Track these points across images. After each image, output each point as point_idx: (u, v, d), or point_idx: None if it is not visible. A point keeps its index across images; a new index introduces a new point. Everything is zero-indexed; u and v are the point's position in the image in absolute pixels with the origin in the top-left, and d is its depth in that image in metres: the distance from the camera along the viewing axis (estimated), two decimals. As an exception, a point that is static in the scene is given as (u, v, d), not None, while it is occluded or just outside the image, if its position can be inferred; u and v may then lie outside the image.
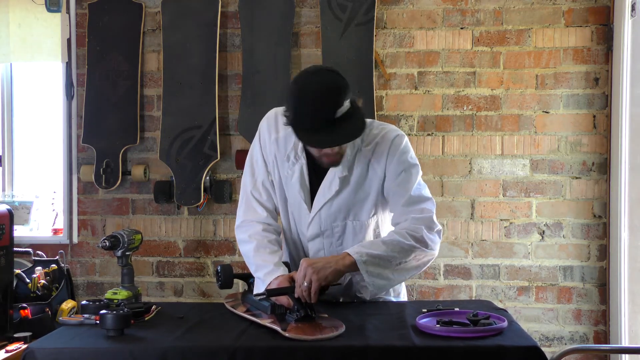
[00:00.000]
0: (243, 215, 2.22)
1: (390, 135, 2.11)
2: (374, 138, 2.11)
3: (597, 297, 3.59)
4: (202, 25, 3.65)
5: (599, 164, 3.58)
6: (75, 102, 3.77)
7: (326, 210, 2.14)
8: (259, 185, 2.21)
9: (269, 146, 2.18)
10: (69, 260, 3.73)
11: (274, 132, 2.16)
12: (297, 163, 2.12)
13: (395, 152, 2.09)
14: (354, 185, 2.11)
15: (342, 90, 1.89)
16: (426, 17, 3.63)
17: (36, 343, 1.85)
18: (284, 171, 2.16)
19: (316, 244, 2.19)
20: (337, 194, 2.11)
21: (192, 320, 2.02)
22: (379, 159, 2.10)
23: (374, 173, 2.11)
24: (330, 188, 2.11)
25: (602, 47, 3.56)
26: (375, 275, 2.00)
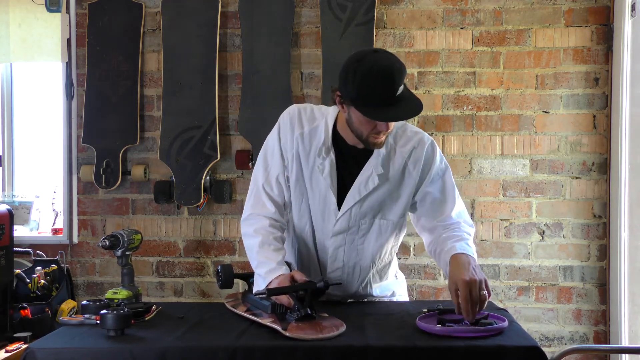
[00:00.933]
0: (251, 209, 2.18)
1: (425, 142, 2.16)
2: (408, 140, 2.14)
3: (597, 297, 3.59)
4: (202, 25, 3.65)
5: (599, 164, 3.58)
6: (75, 102, 3.77)
7: (358, 207, 2.11)
8: (272, 179, 2.17)
9: (291, 141, 2.14)
10: (69, 260, 3.73)
11: (299, 128, 2.13)
12: (328, 158, 2.10)
13: (432, 160, 2.15)
14: (390, 186, 2.12)
15: (404, 69, 1.92)
16: (426, 17, 3.63)
17: (37, 343, 1.85)
18: (310, 166, 2.12)
19: (338, 240, 2.16)
20: (374, 190, 2.10)
21: (192, 320, 2.01)
22: (415, 163, 2.12)
23: (409, 176, 2.12)
24: (368, 184, 2.09)
25: (602, 47, 3.56)
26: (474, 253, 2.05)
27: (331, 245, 2.17)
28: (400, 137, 2.14)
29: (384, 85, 1.89)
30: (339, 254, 2.17)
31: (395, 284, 2.34)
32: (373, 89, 1.90)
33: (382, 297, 2.29)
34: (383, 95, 1.90)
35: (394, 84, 1.89)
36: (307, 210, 2.18)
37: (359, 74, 1.91)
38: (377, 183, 2.09)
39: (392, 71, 1.89)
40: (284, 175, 2.16)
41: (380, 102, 1.91)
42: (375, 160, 2.09)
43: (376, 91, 1.90)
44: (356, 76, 1.91)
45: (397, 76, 1.89)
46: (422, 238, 2.23)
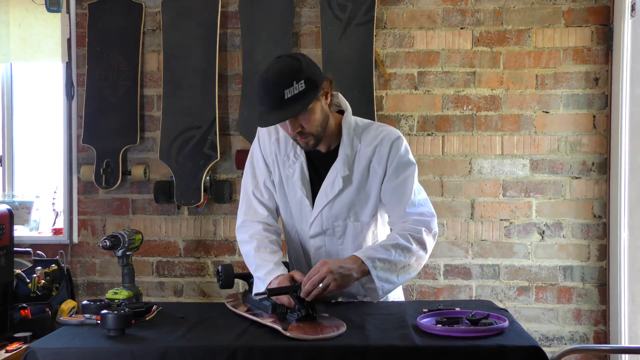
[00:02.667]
0: (244, 216, 2.25)
1: (391, 137, 2.15)
2: (374, 138, 2.15)
3: (597, 297, 3.59)
4: (202, 25, 3.65)
5: (599, 164, 3.58)
6: (75, 102, 3.77)
7: (328, 210, 2.15)
8: (261, 185, 2.23)
9: (269, 147, 2.21)
10: (69, 260, 3.73)
11: (274, 133, 2.20)
12: (297, 161, 2.16)
13: (396, 153, 2.13)
14: (355, 185, 2.14)
15: (292, 72, 1.95)
16: (426, 17, 3.63)
17: (37, 343, 1.85)
18: (285, 170, 2.18)
19: (317, 241, 2.20)
20: (340, 193, 2.13)
21: (192, 320, 2.02)
22: (379, 160, 2.13)
23: (375, 174, 2.14)
24: (333, 187, 2.13)
25: (602, 47, 3.56)
26: (384, 280, 2.02)
27: (312, 246, 2.22)
28: (366, 136, 2.16)
29: (264, 91, 1.96)
30: (321, 255, 2.21)
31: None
32: (258, 95, 2.00)
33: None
34: (265, 101, 1.97)
35: (274, 88, 1.94)
36: (289, 212, 2.24)
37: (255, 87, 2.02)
38: (341, 185, 2.12)
39: (269, 78, 1.96)
40: (270, 180, 2.23)
41: (266, 107, 1.98)
42: (340, 163, 2.12)
43: (260, 97, 1.99)
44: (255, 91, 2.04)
45: (281, 80, 1.94)
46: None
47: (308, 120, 2.01)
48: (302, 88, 1.94)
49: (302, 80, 1.95)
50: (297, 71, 1.96)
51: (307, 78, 1.96)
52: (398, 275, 2.05)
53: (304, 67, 1.98)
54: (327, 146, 2.16)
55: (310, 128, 2.03)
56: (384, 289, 2.04)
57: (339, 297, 2.24)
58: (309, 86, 1.96)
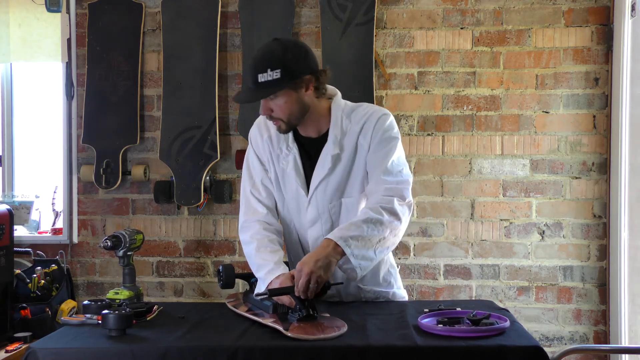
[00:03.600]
0: (244, 216, 2.27)
1: (377, 114, 2.19)
2: (362, 117, 2.18)
3: (597, 297, 3.60)
4: (202, 25, 3.65)
5: (599, 164, 3.58)
6: (75, 102, 3.77)
7: (322, 191, 2.18)
8: (258, 184, 2.27)
9: (262, 145, 2.26)
10: (69, 260, 3.73)
11: (266, 132, 2.25)
12: (290, 154, 2.21)
13: (380, 128, 2.16)
14: (346, 163, 2.17)
15: (268, 60, 2.02)
16: (426, 17, 3.63)
17: (38, 343, 1.85)
18: (280, 164, 2.23)
19: (315, 230, 2.21)
20: (331, 171, 2.16)
21: (193, 320, 2.02)
22: (365, 135, 2.16)
23: (362, 148, 2.17)
24: (324, 166, 2.16)
25: (602, 47, 3.56)
26: (360, 258, 2.01)
27: (311, 237, 2.23)
28: (355, 116, 2.20)
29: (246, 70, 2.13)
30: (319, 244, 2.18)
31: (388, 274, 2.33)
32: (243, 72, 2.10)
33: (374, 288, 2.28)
34: (246, 80, 2.08)
35: (250, 70, 2.04)
36: (285, 208, 2.27)
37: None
38: (330, 164, 2.15)
39: (253, 58, 2.06)
40: (267, 178, 2.26)
41: (244, 85, 2.10)
42: (330, 143, 2.17)
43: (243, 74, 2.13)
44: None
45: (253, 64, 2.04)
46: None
47: (279, 107, 2.08)
48: (277, 76, 2.01)
49: (278, 69, 2.01)
50: (276, 60, 2.02)
51: (284, 67, 2.01)
52: (375, 250, 2.04)
53: (284, 56, 2.03)
54: (317, 131, 2.20)
55: (280, 114, 2.10)
56: (362, 266, 2.03)
57: (341, 297, 2.24)
58: (285, 76, 2.02)
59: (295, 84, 2.05)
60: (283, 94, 2.05)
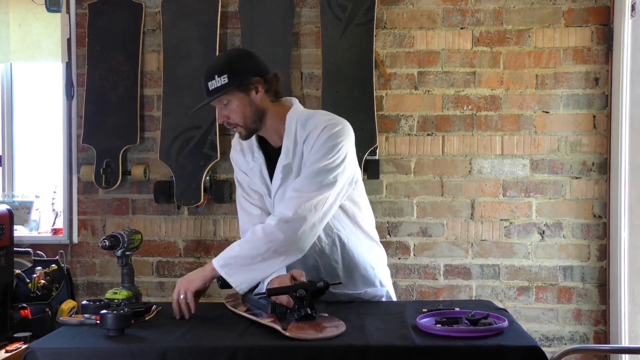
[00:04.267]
0: (241, 220, 2.33)
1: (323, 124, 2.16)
2: (310, 126, 2.18)
3: (597, 297, 3.59)
4: (202, 25, 3.65)
5: (599, 164, 3.58)
6: (75, 102, 3.77)
7: (278, 199, 2.21)
8: (247, 190, 2.32)
9: (238, 158, 2.34)
10: (69, 260, 3.73)
11: (238, 145, 2.34)
12: (256, 164, 2.27)
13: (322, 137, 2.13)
14: (296, 171, 2.19)
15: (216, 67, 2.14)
16: (426, 17, 3.63)
17: (37, 343, 1.85)
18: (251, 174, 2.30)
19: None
20: (283, 181, 2.20)
21: (192, 320, 2.02)
22: (308, 143, 2.16)
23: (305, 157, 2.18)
24: (277, 177, 2.21)
25: (602, 47, 3.56)
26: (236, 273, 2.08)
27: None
28: (308, 124, 2.20)
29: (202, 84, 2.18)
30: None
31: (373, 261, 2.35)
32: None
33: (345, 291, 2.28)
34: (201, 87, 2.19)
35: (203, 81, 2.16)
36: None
37: None
38: (281, 174, 2.20)
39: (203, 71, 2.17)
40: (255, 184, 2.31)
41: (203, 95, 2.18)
42: (282, 154, 2.20)
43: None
44: None
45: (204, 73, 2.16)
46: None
47: (232, 112, 2.16)
48: (224, 82, 2.11)
49: (224, 75, 2.11)
50: (221, 67, 2.13)
51: (230, 73, 2.11)
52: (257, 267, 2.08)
53: (228, 62, 2.15)
54: (280, 138, 2.23)
55: (235, 119, 2.17)
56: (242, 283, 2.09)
57: (340, 297, 2.24)
58: (233, 80, 2.11)
59: (243, 86, 2.13)
60: (234, 97, 2.14)
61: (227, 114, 2.17)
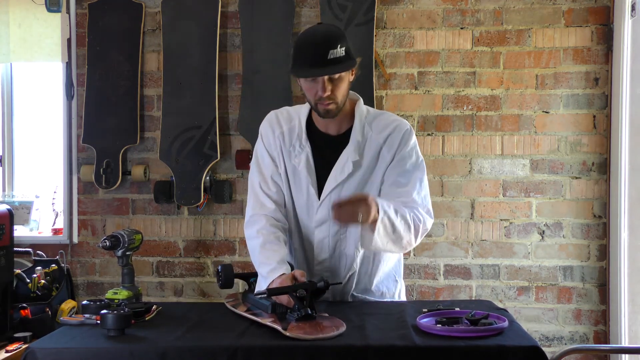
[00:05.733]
0: (252, 210, 2.24)
1: (403, 127, 2.20)
2: (386, 127, 2.18)
3: (597, 297, 3.59)
4: (202, 25, 3.65)
5: (599, 164, 3.58)
6: (75, 102, 3.77)
7: (336, 194, 2.15)
8: (268, 179, 2.24)
9: (274, 141, 2.23)
10: (69, 260, 3.73)
11: (278, 128, 2.24)
12: (303, 151, 2.19)
13: (406, 143, 2.17)
14: (365, 170, 2.16)
15: (337, 37, 2.05)
16: (426, 17, 3.63)
17: (37, 343, 1.85)
18: (291, 161, 2.20)
19: (322, 231, 2.19)
20: (349, 177, 2.15)
21: (192, 320, 2.02)
22: (390, 148, 2.16)
23: (383, 160, 2.17)
24: (343, 171, 2.15)
25: (602, 47, 3.56)
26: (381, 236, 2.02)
27: (316, 237, 2.21)
28: (377, 124, 2.19)
29: (310, 48, 2.04)
30: (324, 245, 2.21)
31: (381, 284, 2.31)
32: (300, 51, 2.06)
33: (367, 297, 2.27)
34: (309, 57, 2.03)
35: (320, 47, 2.02)
36: (292, 206, 2.25)
37: (296, 42, 2.12)
38: (351, 169, 2.15)
39: (316, 36, 2.05)
40: (277, 174, 2.24)
41: (309, 63, 2.04)
42: (351, 148, 2.16)
43: (303, 54, 2.05)
44: (294, 46, 2.11)
45: (327, 41, 2.03)
46: None
47: (338, 86, 2.08)
48: (343, 54, 2.04)
49: (344, 47, 2.04)
50: (342, 38, 2.06)
51: (347, 47, 2.06)
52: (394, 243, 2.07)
53: (344, 37, 2.08)
54: (338, 128, 2.19)
55: (339, 93, 2.09)
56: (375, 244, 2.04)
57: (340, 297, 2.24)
58: (348, 55, 2.06)
59: (353, 63, 2.09)
60: (346, 73, 2.09)
61: (333, 88, 2.07)
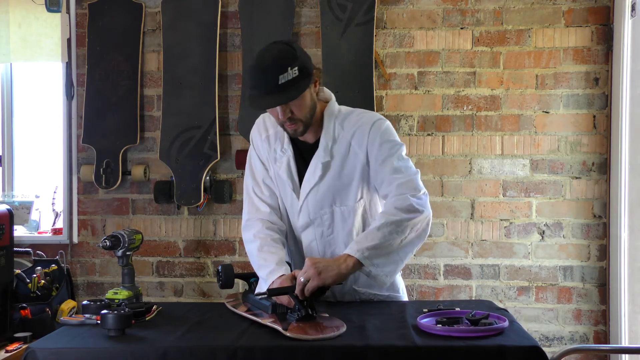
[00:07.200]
0: (247, 214, 2.26)
1: (369, 120, 2.15)
2: (354, 123, 2.15)
3: (597, 297, 3.59)
4: (202, 25, 3.65)
5: (599, 164, 3.58)
6: (75, 102, 3.77)
7: (313, 198, 2.17)
8: (260, 183, 2.26)
9: (262, 145, 2.25)
10: (69, 260, 3.73)
11: (264, 132, 2.24)
12: (284, 155, 2.19)
13: (376, 135, 2.12)
14: (336, 170, 2.14)
15: (287, 58, 1.98)
16: (426, 17, 3.63)
17: (37, 343, 1.85)
18: (275, 166, 2.22)
19: (308, 234, 2.21)
20: (321, 179, 2.15)
21: (192, 320, 2.02)
22: (359, 143, 2.13)
23: (356, 156, 2.14)
24: (315, 174, 2.15)
25: (602, 47, 3.56)
26: (382, 265, 1.99)
27: (304, 241, 2.23)
28: (348, 123, 2.16)
29: (259, 75, 1.98)
30: (312, 248, 2.22)
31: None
32: (252, 80, 2.02)
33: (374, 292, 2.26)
34: (260, 85, 1.99)
35: (268, 73, 1.97)
36: (284, 209, 2.26)
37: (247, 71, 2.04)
38: (321, 172, 2.13)
39: (265, 61, 1.99)
40: (269, 178, 2.25)
41: (260, 91, 1.99)
42: (320, 152, 2.15)
43: (254, 82, 2.01)
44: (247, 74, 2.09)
45: (272, 65, 1.97)
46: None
47: (299, 107, 2.04)
48: (296, 74, 1.98)
49: (295, 67, 1.98)
50: (292, 58, 1.99)
51: (300, 65, 2.00)
52: (399, 253, 2.02)
53: (298, 55, 2.02)
54: (314, 136, 2.18)
55: (300, 114, 2.06)
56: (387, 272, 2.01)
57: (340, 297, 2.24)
58: (302, 73, 2.00)
59: (310, 79, 2.04)
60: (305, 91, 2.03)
61: (292, 110, 2.04)
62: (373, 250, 1.97)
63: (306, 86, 2.02)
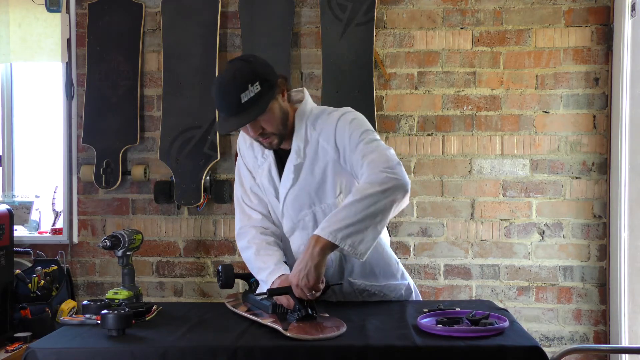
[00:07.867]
0: (240, 222, 2.27)
1: (336, 115, 2.11)
2: (322, 123, 2.12)
3: (597, 297, 3.59)
4: (202, 25, 3.65)
5: (599, 164, 3.58)
6: (75, 102, 3.77)
7: (290, 201, 2.16)
8: (248, 192, 2.26)
9: (247, 152, 2.25)
10: (69, 260, 3.73)
11: (249, 139, 2.19)
12: (266, 162, 2.19)
13: (344, 127, 2.07)
14: (308, 170, 2.12)
15: (246, 75, 1.96)
16: (426, 17, 3.63)
17: (37, 343, 1.85)
18: (258, 173, 2.23)
19: (296, 239, 2.20)
20: (294, 182, 2.13)
21: (192, 320, 2.02)
22: (327, 139, 2.09)
23: (325, 153, 2.11)
24: (288, 177, 2.14)
25: (602, 47, 3.56)
26: (359, 243, 1.89)
27: (293, 245, 2.22)
28: (319, 122, 2.13)
29: (221, 98, 1.97)
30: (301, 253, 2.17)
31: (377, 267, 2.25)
32: (216, 102, 2.01)
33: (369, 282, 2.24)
34: (224, 108, 1.99)
35: (229, 94, 1.95)
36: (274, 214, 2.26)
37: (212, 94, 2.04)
38: (293, 174, 2.12)
39: (224, 83, 1.97)
40: (256, 186, 2.25)
41: (225, 113, 1.99)
42: (293, 155, 2.13)
43: (218, 104, 2.00)
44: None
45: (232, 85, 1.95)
46: None
47: (268, 121, 2.02)
48: (258, 90, 1.95)
49: (256, 82, 1.96)
50: (250, 74, 1.96)
51: (261, 79, 1.97)
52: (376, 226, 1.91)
53: (256, 69, 1.99)
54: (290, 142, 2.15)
55: (271, 128, 2.04)
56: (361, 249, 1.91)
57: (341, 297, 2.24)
58: (265, 87, 1.97)
59: (274, 92, 2.01)
60: (270, 105, 1.99)
61: (262, 125, 2.02)
62: (344, 230, 1.88)
63: (270, 99, 1.99)
